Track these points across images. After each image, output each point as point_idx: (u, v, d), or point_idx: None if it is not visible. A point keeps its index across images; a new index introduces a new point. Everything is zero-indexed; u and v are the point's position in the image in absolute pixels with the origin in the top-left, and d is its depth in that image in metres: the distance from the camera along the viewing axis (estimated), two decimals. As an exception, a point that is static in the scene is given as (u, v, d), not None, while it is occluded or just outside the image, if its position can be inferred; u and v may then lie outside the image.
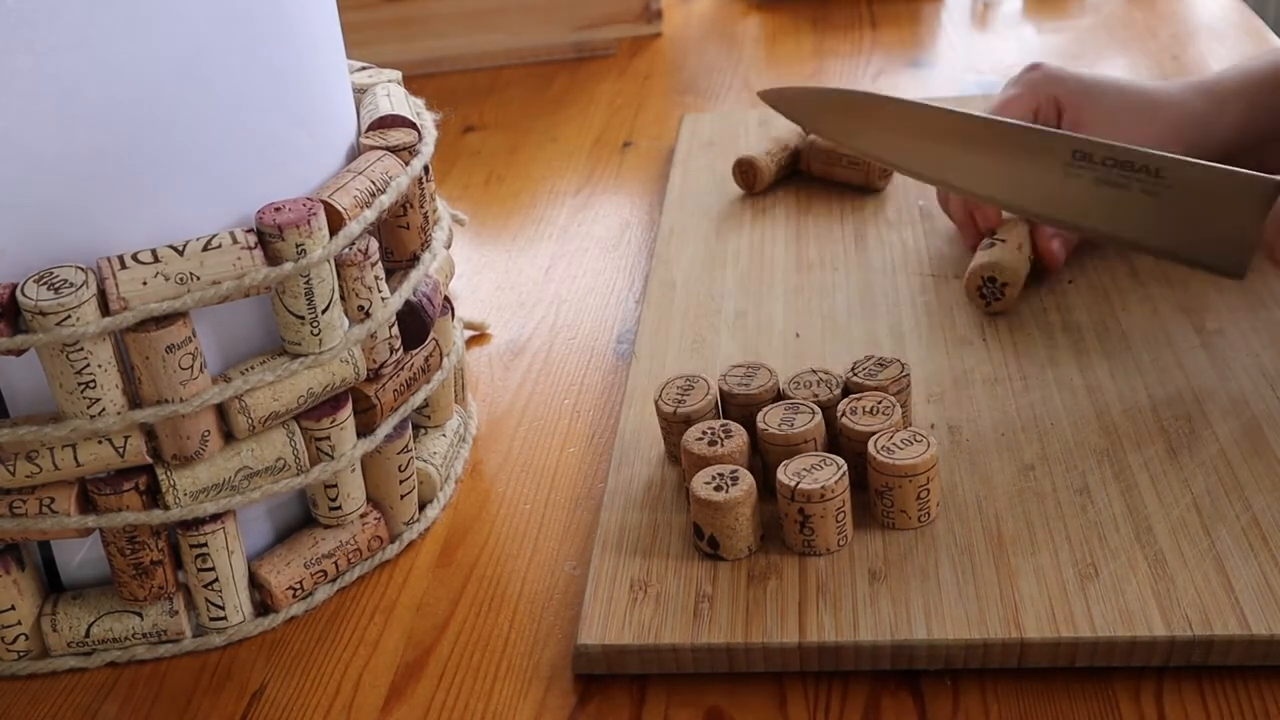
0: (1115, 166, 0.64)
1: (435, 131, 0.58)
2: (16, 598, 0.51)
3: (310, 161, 0.52)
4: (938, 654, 0.47)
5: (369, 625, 0.54)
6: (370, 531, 0.56)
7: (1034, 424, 0.58)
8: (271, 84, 0.50)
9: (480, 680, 0.50)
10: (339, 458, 0.53)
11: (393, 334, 0.55)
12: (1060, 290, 0.68)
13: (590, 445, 0.63)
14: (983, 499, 0.54)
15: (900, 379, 0.57)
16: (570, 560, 0.56)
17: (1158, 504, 0.52)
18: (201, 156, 0.48)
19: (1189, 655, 0.47)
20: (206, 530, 0.51)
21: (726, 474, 0.52)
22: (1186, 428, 0.57)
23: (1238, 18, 1.07)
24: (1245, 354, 0.61)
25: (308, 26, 0.52)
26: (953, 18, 1.14)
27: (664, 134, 0.97)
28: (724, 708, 0.48)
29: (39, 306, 0.45)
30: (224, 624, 0.53)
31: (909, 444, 0.52)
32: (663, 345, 0.67)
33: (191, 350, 0.47)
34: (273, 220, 0.48)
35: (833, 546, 0.51)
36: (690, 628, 0.49)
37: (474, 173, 0.94)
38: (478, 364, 0.71)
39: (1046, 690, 0.47)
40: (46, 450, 0.48)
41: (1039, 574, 0.49)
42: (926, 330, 0.66)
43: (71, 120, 0.45)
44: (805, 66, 1.06)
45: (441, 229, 0.59)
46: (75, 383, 0.46)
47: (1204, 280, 0.67)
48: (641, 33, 1.16)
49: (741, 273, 0.73)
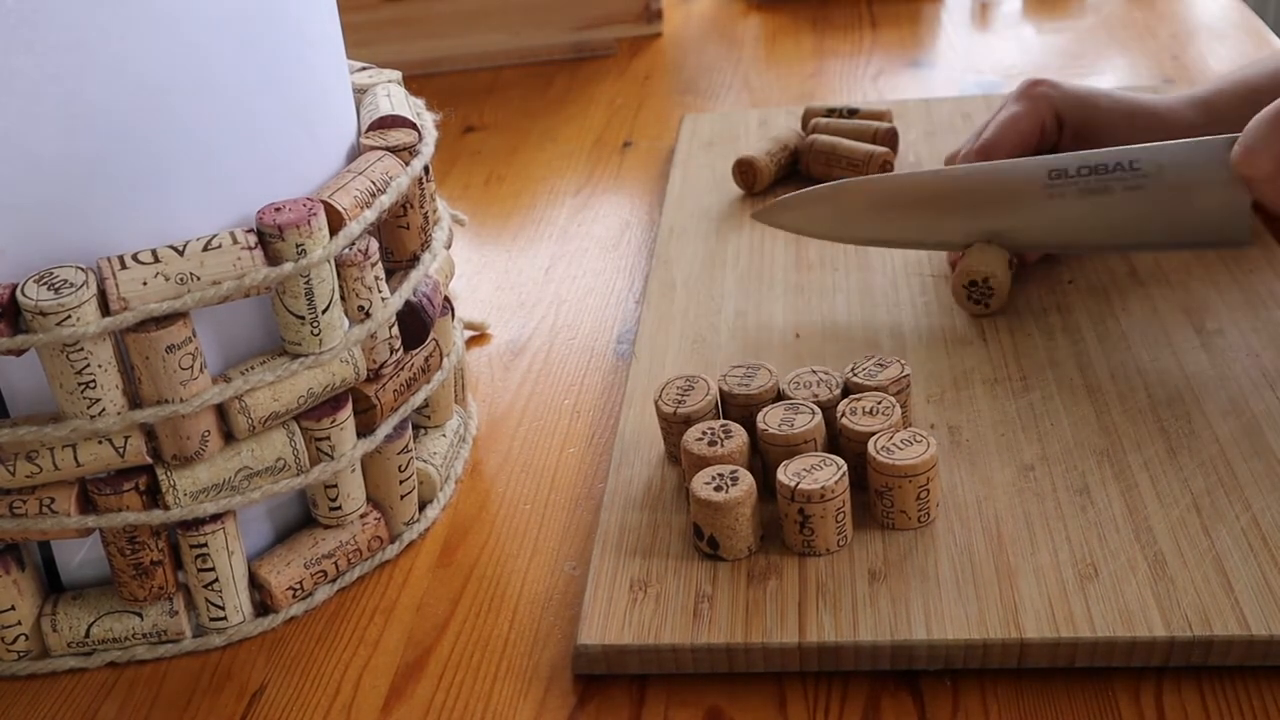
0: (1092, 173, 0.64)
1: (435, 131, 0.58)
2: (16, 598, 0.51)
3: (310, 161, 0.52)
4: (937, 654, 0.47)
5: (369, 625, 0.54)
6: (370, 532, 0.56)
7: (1034, 424, 0.58)
8: (271, 84, 0.50)
9: (480, 680, 0.50)
10: (339, 458, 0.53)
11: (393, 334, 0.55)
12: (1060, 290, 0.68)
13: (590, 445, 0.63)
14: (982, 499, 0.54)
15: (900, 380, 0.57)
16: (570, 560, 0.56)
17: (1157, 504, 0.52)
18: (201, 156, 0.48)
19: (1188, 655, 0.47)
20: (206, 530, 0.51)
21: (726, 474, 0.52)
22: (1186, 428, 0.57)
23: (1238, 18, 1.07)
24: (1245, 354, 0.61)
25: (308, 26, 0.52)
26: (953, 18, 1.14)
27: (664, 134, 0.97)
28: (724, 708, 0.48)
29: (39, 306, 0.45)
30: (224, 624, 0.53)
31: (909, 444, 0.52)
32: (663, 345, 0.67)
33: (191, 350, 0.47)
34: (273, 220, 0.48)
35: (832, 547, 0.51)
36: (690, 628, 0.49)
37: (474, 173, 0.94)
38: (478, 364, 0.71)
39: (1046, 690, 0.47)
40: (46, 450, 0.48)
41: (1038, 574, 0.50)
42: (926, 330, 0.66)
43: (71, 120, 0.45)
44: (805, 67, 1.06)
45: (441, 229, 0.59)
46: (75, 383, 0.46)
47: (1204, 280, 0.67)
48: (641, 33, 1.16)
49: (741, 273, 0.73)
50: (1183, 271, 0.68)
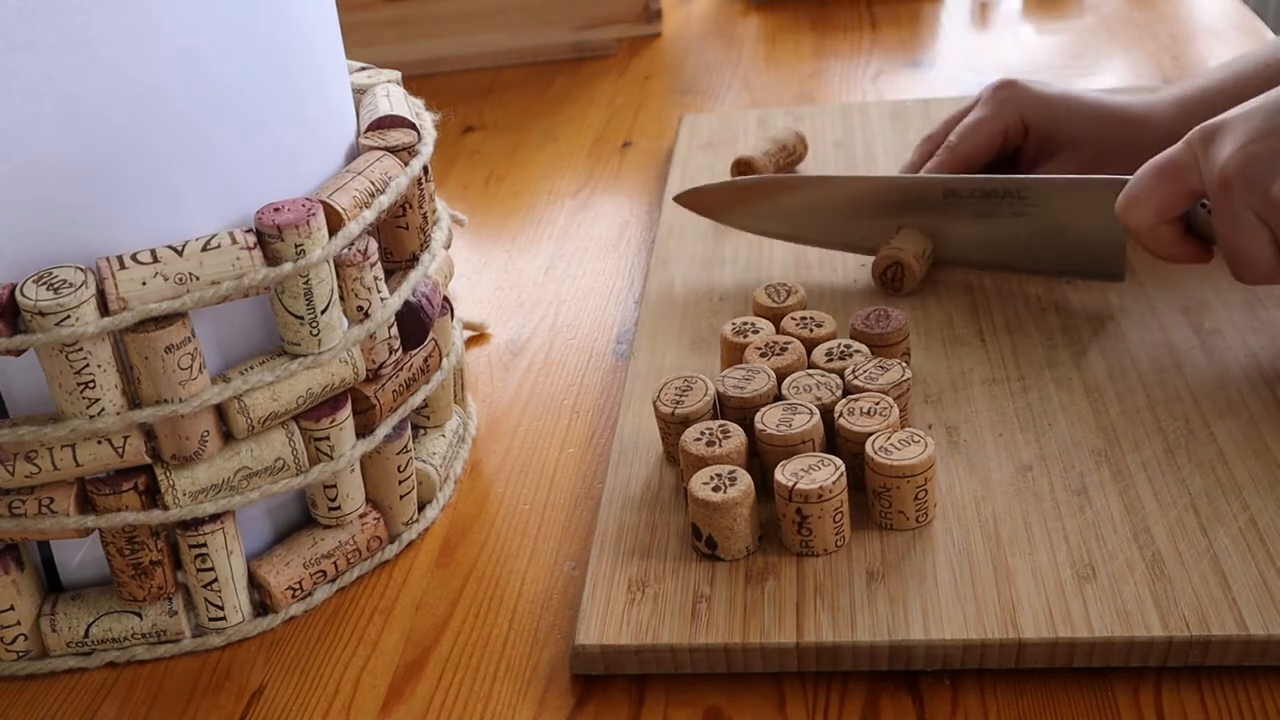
0: (982, 197, 0.68)
1: (435, 131, 0.58)
2: (16, 598, 0.51)
3: (310, 161, 0.52)
4: (935, 654, 0.47)
5: (368, 625, 0.54)
6: (369, 532, 0.56)
7: (1032, 424, 0.58)
8: (271, 84, 0.50)
9: (479, 680, 0.50)
10: (338, 458, 0.53)
11: (392, 334, 0.55)
12: (1058, 291, 0.68)
13: (589, 445, 0.63)
14: (980, 499, 0.54)
15: (901, 384, 0.56)
16: (569, 560, 0.56)
17: (1155, 504, 0.52)
18: (201, 156, 0.48)
19: (1186, 655, 0.47)
20: (206, 530, 0.51)
21: (724, 474, 0.52)
22: (1184, 428, 0.57)
23: (1238, 18, 1.07)
24: (1243, 354, 0.61)
25: (308, 26, 0.52)
26: (953, 18, 1.14)
27: (664, 134, 0.97)
28: (722, 708, 0.48)
29: (38, 306, 0.45)
30: (223, 624, 0.53)
31: (906, 444, 0.52)
32: (662, 345, 0.67)
33: (191, 350, 0.48)
34: (272, 220, 0.48)
35: (830, 547, 0.51)
36: (688, 628, 0.49)
37: (474, 173, 0.94)
38: (477, 364, 0.71)
39: (1045, 690, 0.47)
40: (46, 450, 0.48)
41: (1036, 574, 0.50)
42: (925, 331, 0.66)
43: (71, 120, 0.45)
44: (805, 66, 1.06)
45: (441, 229, 0.59)
46: (75, 383, 0.46)
47: (1202, 280, 0.67)
48: (641, 33, 1.16)
49: (741, 273, 0.73)
50: (1182, 271, 0.68)
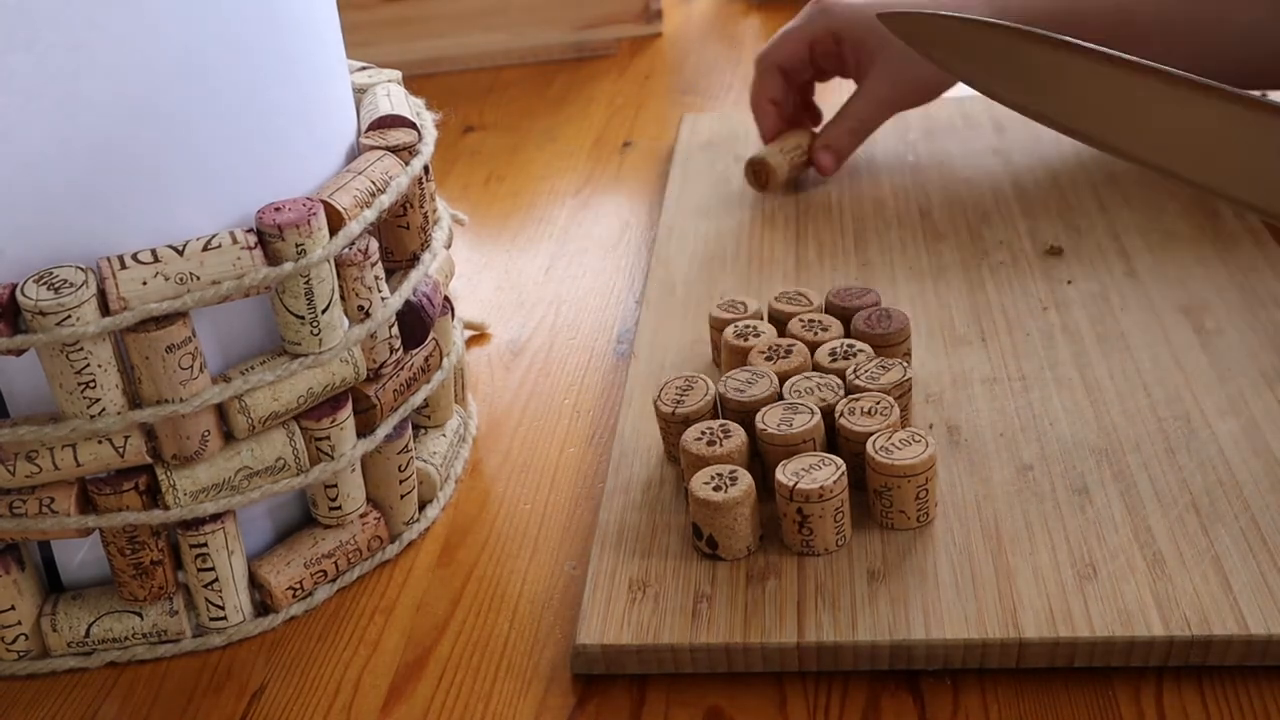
0: None
1: (435, 131, 0.58)
2: (16, 598, 0.51)
3: (310, 161, 0.52)
4: (936, 654, 0.47)
5: (369, 625, 0.54)
6: (370, 531, 0.56)
7: (1032, 424, 0.58)
8: (271, 84, 0.50)
9: (480, 680, 0.50)
10: (339, 458, 0.53)
11: (393, 334, 0.55)
12: (1059, 290, 0.68)
13: (590, 445, 0.63)
14: (981, 499, 0.54)
15: (903, 384, 0.56)
16: (570, 560, 0.56)
17: (1156, 504, 0.52)
18: (201, 156, 0.48)
19: (1187, 655, 0.47)
20: (206, 530, 0.51)
21: (725, 474, 0.52)
22: (1185, 428, 0.57)
23: None
24: (1244, 354, 0.61)
25: (308, 26, 0.52)
26: (952, 18, 1.13)
27: (664, 134, 0.97)
28: (723, 708, 0.48)
29: (39, 306, 0.45)
30: (224, 624, 0.53)
31: (907, 444, 0.52)
32: (662, 345, 0.67)
33: (191, 350, 0.48)
34: (273, 220, 0.48)
35: (831, 547, 0.51)
36: (689, 628, 0.49)
37: (474, 173, 0.94)
38: (478, 364, 0.71)
39: (1046, 690, 0.47)
40: (46, 450, 0.48)
41: (1037, 574, 0.50)
42: (925, 330, 0.66)
43: (71, 119, 0.45)
44: (805, 66, 1.06)
45: (441, 229, 0.59)
46: (75, 383, 0.46)
47: (1203, 280, 0.67)
48: (641, 33, 1.16)
49: (741, 273, 0.73)
50: (1182, 271, 0.68)
